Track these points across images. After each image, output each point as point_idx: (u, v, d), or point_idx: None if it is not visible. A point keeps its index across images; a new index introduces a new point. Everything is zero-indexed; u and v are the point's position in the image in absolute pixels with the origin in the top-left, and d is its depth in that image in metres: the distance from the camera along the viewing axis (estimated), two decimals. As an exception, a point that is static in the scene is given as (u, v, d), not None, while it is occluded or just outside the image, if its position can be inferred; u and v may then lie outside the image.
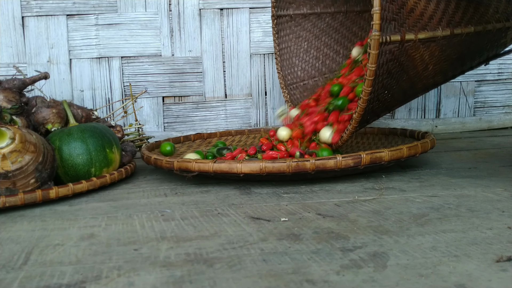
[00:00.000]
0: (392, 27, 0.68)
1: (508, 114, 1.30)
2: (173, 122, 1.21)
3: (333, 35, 1.08)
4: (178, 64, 1.20)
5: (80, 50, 1.16)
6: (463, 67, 0.86)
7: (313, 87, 1.08)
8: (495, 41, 0.81)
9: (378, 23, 0.63)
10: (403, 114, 1.28)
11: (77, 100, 1.17)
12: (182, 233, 0.51)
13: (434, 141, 0.78)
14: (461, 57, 0.80)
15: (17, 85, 0.80)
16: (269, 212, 0.57)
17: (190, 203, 0.64)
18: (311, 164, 0.66)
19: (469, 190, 0.65)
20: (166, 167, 0.74)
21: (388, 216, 0.54)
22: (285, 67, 1.08)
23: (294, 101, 1.07)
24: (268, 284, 0.37)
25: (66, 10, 1.14)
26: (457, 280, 0.36)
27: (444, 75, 0.84)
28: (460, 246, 0.43)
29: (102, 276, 0.40)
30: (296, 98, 1.08)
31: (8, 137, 0.64)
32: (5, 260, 0.45)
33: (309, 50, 1.08)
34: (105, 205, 0.65)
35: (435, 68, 0.78)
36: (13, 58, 1.14)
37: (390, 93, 0.76)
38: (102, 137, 0.75)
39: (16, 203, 0.62)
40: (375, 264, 0.40)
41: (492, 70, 1.29)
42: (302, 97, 1.07)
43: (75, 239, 0.51)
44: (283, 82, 1.08)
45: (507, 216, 0.52)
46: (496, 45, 0.83)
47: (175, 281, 0.39)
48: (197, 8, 1.18)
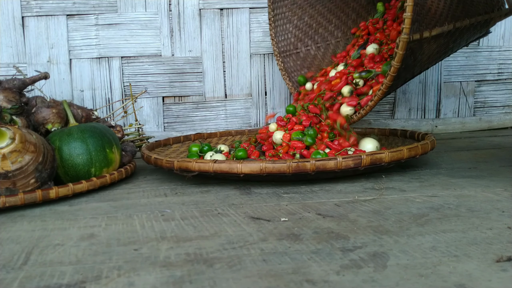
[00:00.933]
0: (415, 27, 0.73)
1: (508, 114, 1.30)
2: (173, 122, 1.21)
3: (327, 4, 1.09)
4: (178, 64, 1.20)
5: (80, 50, 1.16)
6: (452, 51, 0.92)
7: (306, 56, 1.09)
8: (480, 29, 0.88)
9: (408, 27, 0.69)
10: (403, 114, 1.28)
11: (77, 100, 1.17)
12: (182, 233, 0.51)
13: (434, 142, 0.78)
14: (455, 44, 0.87)
15: (17, 85, 0.80)
16: (269, 212, 0.57)
17: (190, 203, 0.64)
18: (311, 165, 0.66)
19: (469, 190, 0.65)
20: (166, 167, 0.74)
21: (388, 216, 0.54)
22: (279, 33, 1.08)
23: (288, 70, 1.08)
24: (268, 284, 0.37)
25: (66, 10, 1.14)
26: (457, 280, 0.36)
27: (437, 59, 0.90)
28: (460, 246, 0.43)
29: (102, 276, 0.40)
30: (289, 67, 1.09)
31: (8, 137, 0.64)
32: (5, 260, 0.45)
33: (303, 18, 1.09)
34: (105, 205, 0.65)
35: (434, 55, 0.84)
36: (13, 58, 1.14)
37: (398, 79, 0.80)
38: (102, 137, 0.75)
39: (16, 203, 0.62)
40: (375, 264, 0.40)
41: (492, 70, 1.29)
42: (295, 66, 1.09)
43: (75, 239, 0.51)
44: (277, 49, 1.08)
45: (507, 216, 0.52)
46: (479, 32, 0.90)
47: (175, 281, 0.39)
48: (197, 8, 1.18)
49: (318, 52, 1.12)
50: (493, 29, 1.26)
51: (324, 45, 1.10)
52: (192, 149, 0.89)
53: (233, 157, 0.82)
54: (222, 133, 1.08)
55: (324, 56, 1.12)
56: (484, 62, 1.28)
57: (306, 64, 1.11)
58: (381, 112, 1.27)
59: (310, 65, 1.11)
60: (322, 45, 1.09)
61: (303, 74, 1.09)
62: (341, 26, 1.11)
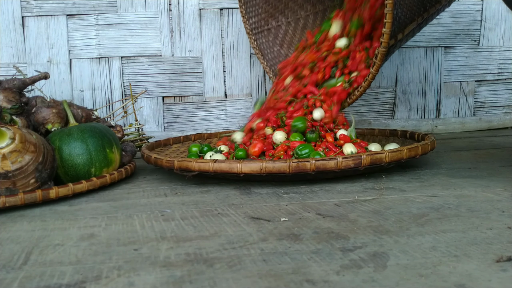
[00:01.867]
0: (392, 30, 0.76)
1: (508, 114, 1.30)
2: (173, 122, 1.21)
3: None
4: (178, 64, 1.20)
5: (80, 50, 1.16)
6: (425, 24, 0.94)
7: (277, 32, 1.10)
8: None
9: (386, 41, 0.74)
10: (403, 114, 1.28)
11: (77, 100, 1.17)
12: (182, 233, 0.51)
13: (434, 143, 0.78)
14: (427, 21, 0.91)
15: (17, 85, 0.80)
16: (269, 212, 0.57)
17: (190, 203, 0.64)
18: (311, 165, 0.66)
19: (469, 190, 0.65)
20: (166, 167, 0.74)
21: (388, 216, 0.54)
22: (250, 9, 1.08)
23: (262, 49, 1.08)
24: (268, 284, 0.37)
25: (66, 10, 1.14)
26: (457, 280, 0.36)
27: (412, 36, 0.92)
28: (460, 246, 0.43)
29: (102, 276, 0.40)
30: (262, 44, 1.09)
31: (8, 137, 0.64)
32: (5, 260, 0.45)
33: None
34: (105, 205, 0.65)
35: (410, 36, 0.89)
36: (13, 58, 1.14)
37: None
38: (102, 137, 0.75)
39: (16, 203, 0.62)
40: (375, 264, 0.40)
41: (492, 70, 1.29)
42: (267, 43, 1.09)
43: (75, 239, 0.51)
44: (248, 26, 1.08)
45: (507, 216, 0.52)
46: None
47: (175, 281, 0.39)
48: (197, 8, 1.18)
49: (289, 27, 1.12)
50: (493, 29, 1.27)
51: (294, 19, 1.11)
52: (192, 149, 0.89)
53: (233, 157, 0.82)
54: (222, 133, 1.08)
55: (295, 31, 1.12)
56: (484, 62, 1.28)
57: (278, 41, 1.12)
58: (381, 112, 1.27)
59: (282, 42, 1.11)
60: (292, 20, 1.10)
61: (276, 51, 1.10)
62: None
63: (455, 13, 1.25)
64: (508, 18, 1.27)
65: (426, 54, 1.26)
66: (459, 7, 1.25)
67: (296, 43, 1.09)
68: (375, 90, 1.26)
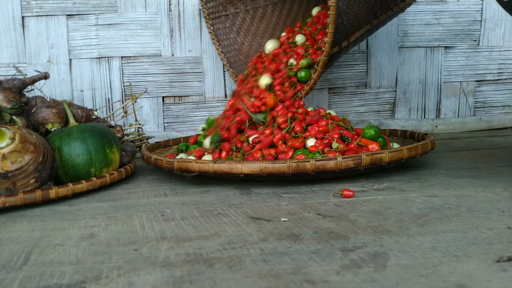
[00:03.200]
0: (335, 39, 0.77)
1: (508, 114, 1.30)
2: (173, 122, 1.21)
3: None
4: (178, 64, 1.19)
5: (80, 50, 1.16)
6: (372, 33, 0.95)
7: (235, 19, 1.11)
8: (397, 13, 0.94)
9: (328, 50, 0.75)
10: (403, 114, 1.28)
11: (77, 100, 1.17)
12: (182, 233, 0.51)
13: (434, 142, 0.78)
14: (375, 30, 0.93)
15: (17, 85, 0.80)
16: (269, 212, 0.57)
17: (190, 203, 0.64)
18: (311, 165, 0.66)
19: (469, 190, 0.65)
20: (166, 167, 0.74)
21: (388, 216, 0.54)
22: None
23: (218, 34, 1.10)
24: (268, 284, 0.37)
25: (66, 10, 1.14)
26: (457, 280, 0.36)
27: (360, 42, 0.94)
28: (460, 246, 0.43)
29: (102, 276, 0.40)
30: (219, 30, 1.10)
31: (8, 137, 0.64)
32: (5, 260, 0.45)
33: None
34: (105, 205, 0.65)
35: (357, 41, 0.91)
36: (13, 58, 1.14)
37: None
38: (102, 137, 0.75)
39: (16, 203, 0.62)
40: (375, 264, 0.40)
41: (492, 70, 1.29)
42: (224, 29, 1.10)
43: (75, 239, 0.51)
44: (206, 10, 1.09)
45: (507, 216, 0.52)
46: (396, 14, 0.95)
47: (175, 281, 0.38)
48: (197, 8, 1.18)
49: (247, 16, 1.12)
50: (493, 29, 1.27)
51: (253, 7, 1.11)
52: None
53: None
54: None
55: (252, 20, 1.12)
56: (484, 62, 1.28)
57: (235, 28, 1.12)
58: (381, 112, 1.27)
59: (239, 29, 1.12)
60: (251, 8, 1.10)
61: (232, 38, 1.10)
62: None
63: (455, 13, 1.25)
64: (508, 18, 1.27)
65: (426, 54, 1.26)
66: (459, 7, 1.25)
67: (253, 32, 1.10)
68: (375, 90, 1.26)
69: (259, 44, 1.11)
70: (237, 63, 1.11)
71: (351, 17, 0.80)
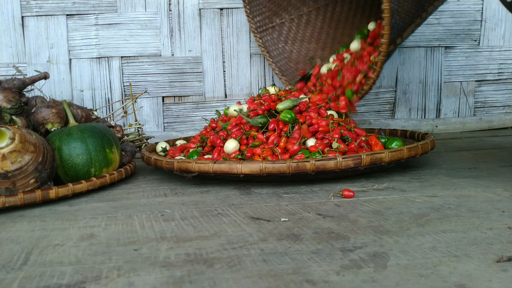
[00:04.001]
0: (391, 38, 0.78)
1: (509, 114, 1.30)
2: (173, 122, 1.21)
3: None
4: (178, 64, 1.19)
5: (80, 50, 1.16)
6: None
7: (281, 29, 1.14)
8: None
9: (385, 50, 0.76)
10: (403, 114, 1.28)
11: (77, 100, 1.17)
12: (182, 233, 0.51)
13: (434, 142, 0.78)
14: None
15: (17, 85, 0.80)
16: (269, 212, 0.57)
17: (190, 203, 0.64)
18: (311, 165, 0.66)
19: (469, 190, 0.65)
20: (166, 168, 0.73)
21: (388, 216, 0.54)
22: (254, 9, 1.11)
23: (267, 46, 1.12)
24: (268, 284, 0.37)
25: (66, 10, 1.14)
26: (457, 280, 0.36)
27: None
28: (460, 246, 0.43)
29: (102, 276, 0.40)
30: (267, 42, 1.13)
31: (8, 137, 0.64)
32: (5, 260, 0.45)
33: None
34: (105, 205, 0.65)
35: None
36: (13, 58, 1.14)
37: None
38: (102, 137, 0.75)
39: (16, 203, 0.62)
40: (375, 264, 0.40)
41: (492, 70, 1.29)
42: (272, 40, 1.13)
43: (75, 239, 0.50)
44: (253, 25, 1.11)
45: (507, 216, 0.52)
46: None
47: (175, 281, 0.38)
48: (197, 8, 1.18)
49: (292, 24, 1.15)
50: (493, 29, 1.27)
51: (297, 15, 1.14)
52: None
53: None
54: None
55: (298, 27, 1.15)
56: (484, 62, 1.28)
57: (283, 38, 1.14)
58: (381, 112, 1.27)
59: (286, 38, 1.14)
60: (295, 16, 1.14)
61: (280, 47, 1.13)
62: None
63: (455, 13, 1.25)
64: (508, 18, 1.27)
65: (426, 54, 1.26)
66: (459, 7, 1.25)
67: (300, 38, 1.13)
68: (375, 90, 1.26)
69: (307, 50, 1.15)
70: (288, 70, 1.14)
71: (402, 15, 0.82)
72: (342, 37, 1.13)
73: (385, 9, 0.73)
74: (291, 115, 0.77)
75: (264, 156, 0.73)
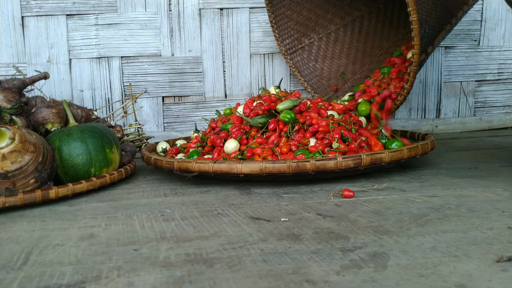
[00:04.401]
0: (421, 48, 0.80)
1: (509, 114, 1.30)
2: (173, 122, 1.21)
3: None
4: (178, 64, 1.19)
5: (80, 50, 1.16)
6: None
7: (310, 48, 1.17)
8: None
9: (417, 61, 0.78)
10: (403, 114, 1.28)
11: (77, 100, 1.17)
12: (182, 233, 0.51)
13: (434, 143, 0.78)
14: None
15: (16, 85, 0.80)
16: (269, 212, 0.57)
17: (190, 203, 0.64)
18: (311, 165, 0.66)
19: (469, 190, 0.65)
20: (166, 168, 0.73)
21: (388, 216, 0.54)
22: (282, 32, 1.14)
23: (298, 66, 1.15)
24: (268, 284, 0.37)
25: (66, 10, 1.14)
26: (458, 280, 0.36)
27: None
28: (460, 246, 0.43)
29: (102, 276, 0.40)
30: (298, 62, 1.15)
31: (8, 137, 0.64)
32: (5, 260, 0.45)
33: (302, 13, 1.15)
34: (105, 205, 0.65)
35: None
36: (13, 58, 1.14)
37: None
38: (102, 137, 0.75)
39: (16, 203, 0.62)
40: (375, 264, 0.40)
41: (492, 70, 1.29)
42: (303, 60, 1.16)
43: (75, 239, 0.50)
44: (283, 47, 1.14)
45: (507, 216, 0.52)
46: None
47: (175, 281, 0.38)
48: (197, 8, 1.18)
49: (321, 42, 1.17)
50: (493, 29, 1.27)
51: (325, 34, 1.16)
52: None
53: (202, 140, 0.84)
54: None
55: (327, 45, 1.17)
56: (484, 62, 1.28)
57: (313, 56, 1.17)
58: (381, 112, 1.27)
59: (316, 57, 1.16)
60: (323, 35, 1.16)
61: (311, 66, 1.15)
62: (338, 12, 1.15)
63: (455, 13, 1.25)
64: (509, 18, 1.27)
65: (426, 54, 1.26)
66: (459, 7, 1.25)
67: (330, 56, 1.16)
68: (375, 90, 1.26)
69: (338, 66, 1.16)
70: (320, 88, 1.16)
71: (432, 23, 0.82)
72: (372, 50, 1.15)
73: (413, 20, 0.74)
74: (291, 115, 0.77)
75: (264, 156, 0.73)
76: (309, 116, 0.78)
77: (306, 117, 0.79)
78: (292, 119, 0.77)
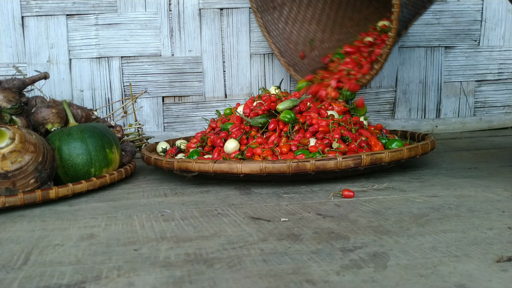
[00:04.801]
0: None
1: (508, 114, 1.30)
2: (173, 122, 1.21)
3: None
4: (178, 64, 1.19)
5: (79, 50, 1.16)
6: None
7: (282, 9, 1.14)
8: None
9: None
10: (403, 114, 1.28)
11: (77, 100, 1.17)
12: (182, 233, 0.51)
13: (434, 143, 0.78)
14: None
15: (17, 85, 0.80)
16: (269, 212, 0.57)
17: (190, 203, 0.64)
18: (311, 165, 0.66)
19: (469, 190, 0.65)
20: (166, 167, 0.73)
21: (388, 216, 0.54)
22: None
23: (267, 26, 1.12)
24: (268, 284, 0.37)
25: (66, 10, 1.14)
26: (457, 280, 0.36)
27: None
28: (460, 246, 0.43)
29: (102, 276, 0.40)
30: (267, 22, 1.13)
31: (8, 137, 0.64)
32: (5, 260, 0.45)
33: None
34: (105, 205, 0.65)
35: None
36: (13, 58, 1.14)
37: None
38: (102, 137, 0.75)
39: (16, 203, 0.62)
40: (375, 264, 0.40)
41: (492, 70, 1.29)
42: (272, 20, 1.13)
43: (75, 239, 0.50)
44: (255, 5, 1.11)
45: (507, 216, 0.52)
46: None
47: (175, 281, 0.38)
48: (197, 8, 1.18)
49: (294, 5, 1.15)
50: (493, 29, 1.27)
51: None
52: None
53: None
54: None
55: (299, 8, 1.15)
56: (484, 62, 1.28)
57: (283, 18, 1.14)
58: (381, 112, 1.27)
59: (287, 19, 1.15)
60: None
61: (280, 28, 1.14)
62: None
63: (455, 13, 1.25)
64: (509, 18, 1.27)
65: (426, 54, 1.26)
66: (459, 7, 1.25)
67: (301, 20, 1.14)
68: (375, 90, 1.26)
69: (307, 31, 1.14)
70: (287, 52, 1.13)
71: (409, 7, 0.83)
72: (343, 20, 1.13)
73: (395, 3, 0.74)
74: (291, 115, 0.77)
75: (264, 156, 0.73)
76: (309, 116, 0.78)
77: (306, 117, 0.79)
78: (292, 119, 0.77)
